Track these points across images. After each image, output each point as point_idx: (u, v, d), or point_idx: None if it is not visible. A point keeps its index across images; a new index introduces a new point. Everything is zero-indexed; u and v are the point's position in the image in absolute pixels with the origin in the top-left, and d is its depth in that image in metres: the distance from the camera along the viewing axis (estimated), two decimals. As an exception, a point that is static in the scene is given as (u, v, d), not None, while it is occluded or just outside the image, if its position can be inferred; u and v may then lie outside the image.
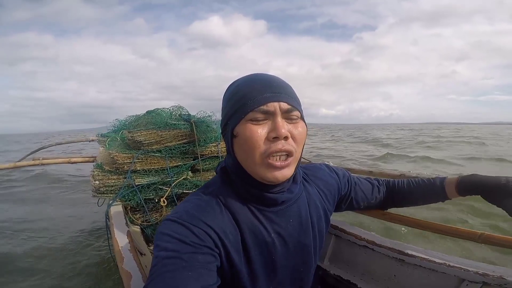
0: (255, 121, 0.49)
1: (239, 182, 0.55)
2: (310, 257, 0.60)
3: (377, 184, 0.77)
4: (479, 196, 0.60)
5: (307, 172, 0.68)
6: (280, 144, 0.48)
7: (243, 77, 0.54)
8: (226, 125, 0.53)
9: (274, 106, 0.49)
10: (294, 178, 0.57)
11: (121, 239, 1.08)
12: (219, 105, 0.58)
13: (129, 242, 1.05)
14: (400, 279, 0.83)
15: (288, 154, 0.50)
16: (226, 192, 0.55)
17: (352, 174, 0.75)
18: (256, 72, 0.55)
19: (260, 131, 0.48)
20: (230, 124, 0.51)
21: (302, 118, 0.52)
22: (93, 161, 2.26)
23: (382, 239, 0.91)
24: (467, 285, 0.67)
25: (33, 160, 2.01)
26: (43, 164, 2.00)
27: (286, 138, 0.49)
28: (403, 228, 2.52)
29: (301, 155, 0.54)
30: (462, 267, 0.68)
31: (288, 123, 0.50)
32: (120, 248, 1.01)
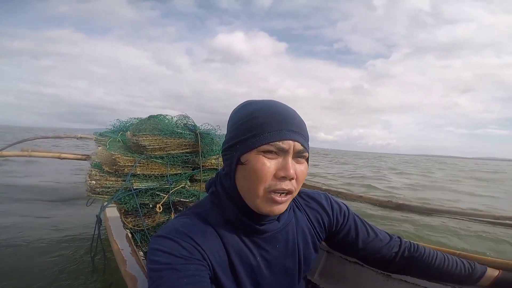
0: (268, 153, 0.49)
1: (230, 208, 0.55)
2: (294, 281, 0.62)
3: (393, 240, 0.68)
4: None
5: (302, 200, 0.68)
6: (285, 184, 0.50)
7: (261, 101, 0.54)
8: (232, 147, 0.53)
9: (289, 144, 0.49)
10: None
11: (121, 242, 1.08)
12: (221, 119, 0.60)
13: (129, 245, 1.06)
14: None
15: (289, 192, 0.51)
16: (215, 216, 0.56)
17: (359, 217, 0.70)
18: (272, 99, 0.55)
19: (270, 165, 0.49)
20: (239, 149, 0.51)
21: (307, 159, 0.54)
22: (84, 159, 2.21)
23: None
24: None
25: (21, 150, 1.92)
26: (31, 156, 1.92)
27: (292, 179, 0.50)
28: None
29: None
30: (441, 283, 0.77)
31: (295, 162, 0.51)
32: (121, 251, 1.01)
